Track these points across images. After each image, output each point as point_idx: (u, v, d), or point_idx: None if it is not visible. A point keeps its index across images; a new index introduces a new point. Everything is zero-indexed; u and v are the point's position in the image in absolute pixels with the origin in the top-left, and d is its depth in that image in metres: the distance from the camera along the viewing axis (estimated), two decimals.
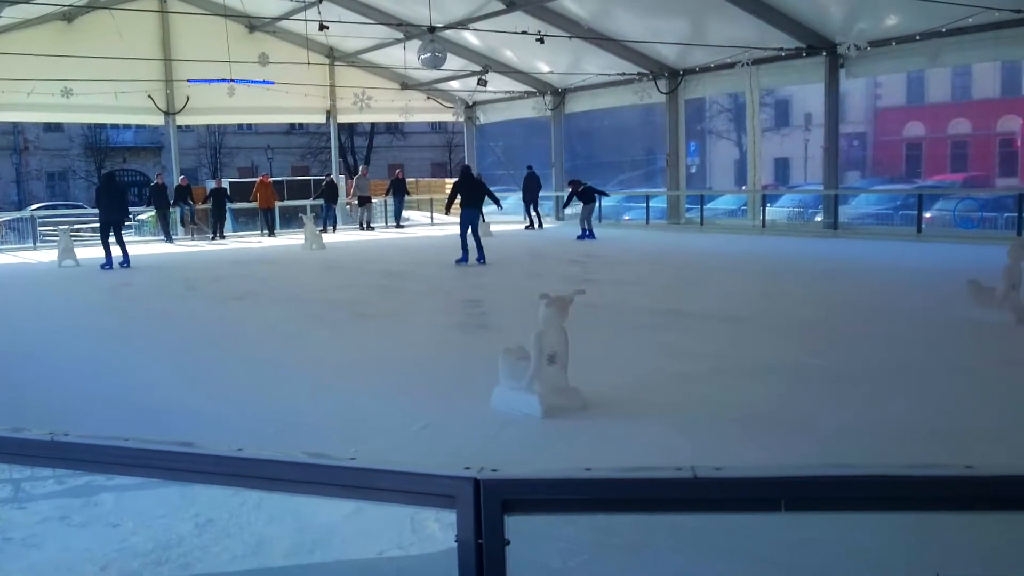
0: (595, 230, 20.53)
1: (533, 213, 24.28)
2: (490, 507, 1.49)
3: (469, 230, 15.21)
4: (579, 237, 20.30)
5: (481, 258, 15.24)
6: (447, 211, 17.27)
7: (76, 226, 22.77)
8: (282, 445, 5.20)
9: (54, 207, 34.76)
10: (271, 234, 24.49)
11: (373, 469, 1.60)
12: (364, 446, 5.04)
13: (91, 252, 17.98)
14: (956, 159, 39.91)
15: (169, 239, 23.27)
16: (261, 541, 3.80)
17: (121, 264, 16.00)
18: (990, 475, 1.48)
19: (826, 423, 5.40)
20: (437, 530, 3.56)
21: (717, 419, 5.52)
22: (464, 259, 15.20)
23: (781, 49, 18.79)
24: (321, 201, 25.86)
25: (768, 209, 21.96)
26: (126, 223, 18.11)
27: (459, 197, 15.15)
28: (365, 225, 26.21)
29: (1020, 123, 37.90)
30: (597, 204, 21.16)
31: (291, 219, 25.72)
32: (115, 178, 18.02)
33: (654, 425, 5.42)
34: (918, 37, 16.80)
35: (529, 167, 24.53)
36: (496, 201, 16.50)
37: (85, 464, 2.05)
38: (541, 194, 24.97)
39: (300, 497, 1.77)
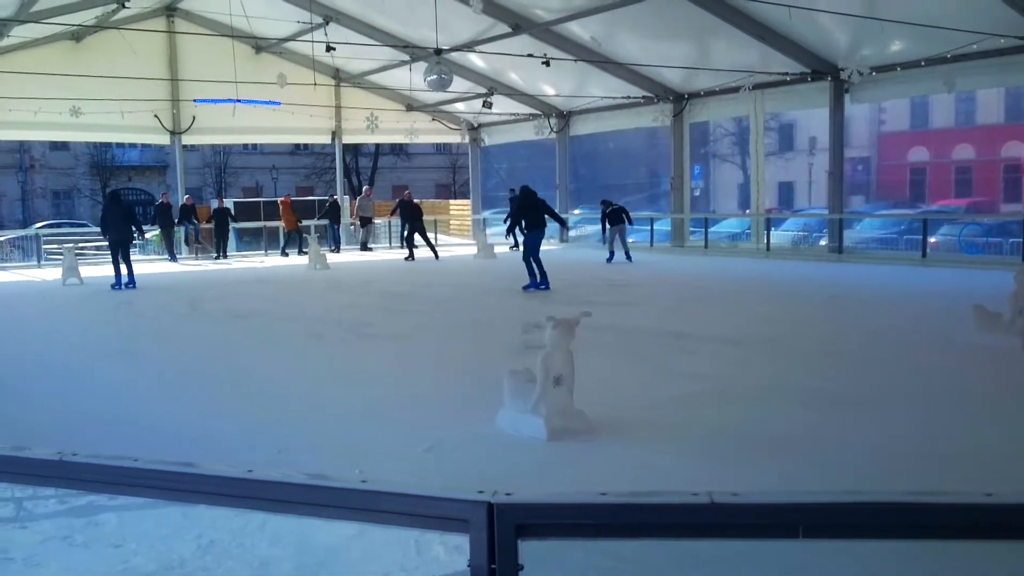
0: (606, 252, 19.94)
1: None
2: (504, 531, 1.47)
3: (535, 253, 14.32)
4: (609, 260, 19.57)
5: (545, 284, 14.21)
6: (508, 235, 17.11)
7: (80, 245, 22.80)
8: (284, 465, 5.17)
9: (59, 225, 34.78)
10: (300, 253, 23.48)
11: (385, 492, 1.58)
12: (367, 467, 5.00)
13: (95, 271, 18.00)
14: (960, 184, 39.92)
15: (173, 258, 23.30)
16: (264, 563, 3.76)
17: (126, 284, 15.98)
18: (1012, 503, 1.45)
19: (835, 448, 5.35)
20: (442, 553, 3.52)
21: (724, 443, 5.48)
22: (536, 284, 14.18)
23: (786, 74, 18.85)
24: (326, 221, 25.96)
25: (772, 233, 21.95)
26: (135, 241, 18.00)
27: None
28: (361, 246, 26.12)
29: None
30: (625, 226, 20.06)
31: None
32: (120, 197, 18.04)
33: (660, 449, 5.38)
34: (923, 63, 16.84)
35: (512, 189, 24.57)
36: (560, 221, 15.96)
37: (90, 484, 2.04)
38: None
39: (303, 518, 1.75)
